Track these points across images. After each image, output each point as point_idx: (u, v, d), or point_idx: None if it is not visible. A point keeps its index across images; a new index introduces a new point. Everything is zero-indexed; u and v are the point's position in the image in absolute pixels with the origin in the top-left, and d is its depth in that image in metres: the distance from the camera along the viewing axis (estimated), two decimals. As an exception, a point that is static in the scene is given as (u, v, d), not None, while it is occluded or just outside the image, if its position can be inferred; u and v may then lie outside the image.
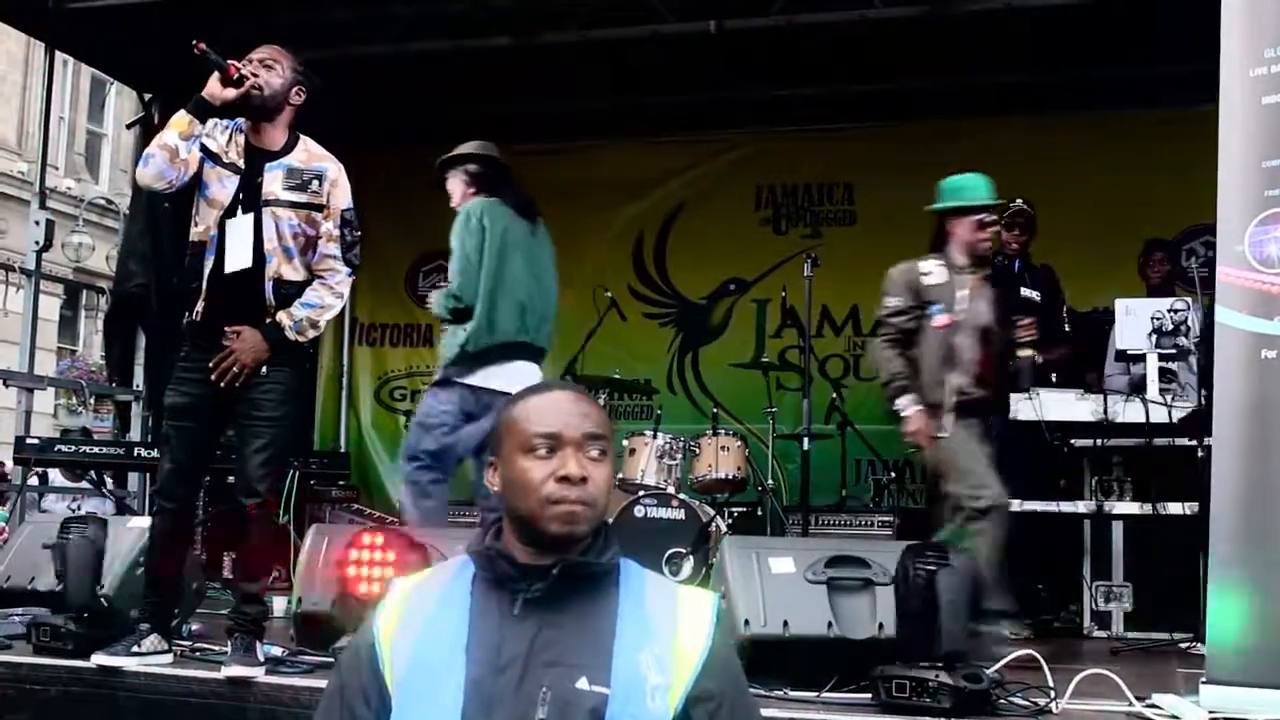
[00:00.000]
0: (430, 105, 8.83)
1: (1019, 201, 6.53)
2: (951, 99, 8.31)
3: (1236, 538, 3.58)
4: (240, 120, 4.29)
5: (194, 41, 4.07)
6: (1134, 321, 5.73)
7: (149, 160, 4.14)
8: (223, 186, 4.21)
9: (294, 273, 4.26)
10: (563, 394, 2.08)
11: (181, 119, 4.12)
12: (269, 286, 4.22)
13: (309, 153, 4.33)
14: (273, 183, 4.22)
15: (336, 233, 4.30)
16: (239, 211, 4.19)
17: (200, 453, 4.35)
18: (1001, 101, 8.27)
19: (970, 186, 5.34)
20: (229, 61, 4.13)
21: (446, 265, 5.60)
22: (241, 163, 4.24)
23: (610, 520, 2.16)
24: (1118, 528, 5.90)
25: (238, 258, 4.19)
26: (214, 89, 4.11)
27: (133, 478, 8.01)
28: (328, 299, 4.32)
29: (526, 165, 9.35)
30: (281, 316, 4.22)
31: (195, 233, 4.27)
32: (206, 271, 4.21)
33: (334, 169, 4.34)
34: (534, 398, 2.07)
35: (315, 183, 4.28)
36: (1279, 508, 3.51)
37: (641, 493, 6.62)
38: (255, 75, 4.17)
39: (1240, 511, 3.59)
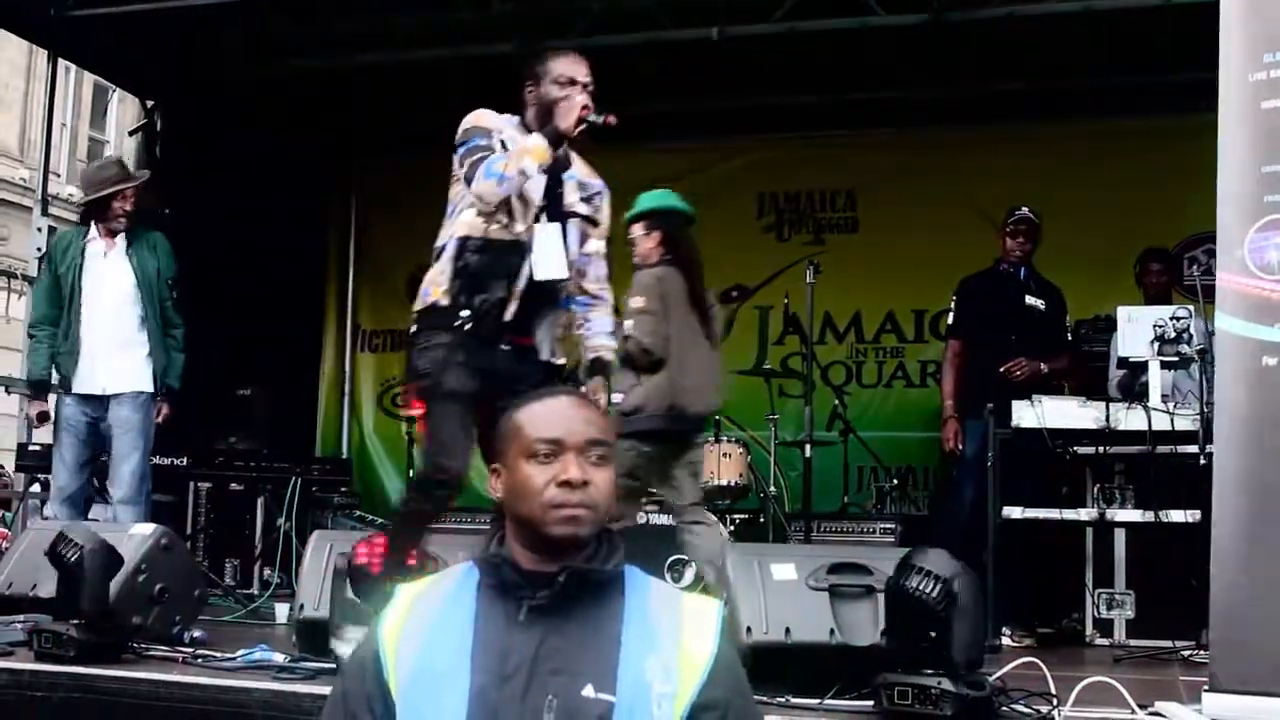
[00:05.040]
0: (432, 113, 8.81)
1: (1024, 209, 6.52)
2: (953, 106, 8.32)
3: (1238, 545, 3.57)
4: (518, 121, 4.18)
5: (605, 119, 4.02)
6: (1136, 329, 5.72)
7: (505, 181, 3.94)
8: (535, 188, 4.06)
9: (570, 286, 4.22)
10: (565, 399, 2.10)
11: (542, 148, 3.97)
12: (564, 298, 4.18)
13: (583, 167, 4.28)
14: (571, 193, 4.15)
15: (604, 250, 4.29)
16: (544, 217, 4.07)
17: (467, 434, 4.02)
18: (1003, 109, 8.28)
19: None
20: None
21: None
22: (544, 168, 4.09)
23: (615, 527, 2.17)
24: (1120, 535, 5.89)
25: (554, 265, 4.06)
26: (568, 126, 4.01)
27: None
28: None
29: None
30: (605, 355, 4.25)
31: (517, 230, 4.05)
32: (526, 273, 4.02)
33: (605, 188, 4.32)
34: (536, 404, 2.09)
35: (596, 198, 4.26)
36: (1280, 515, 3.50)
37: (644, 499, 6.62)
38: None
39: (1241, 519, 3.58)
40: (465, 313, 4.00)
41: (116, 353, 6.03)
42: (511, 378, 3.89)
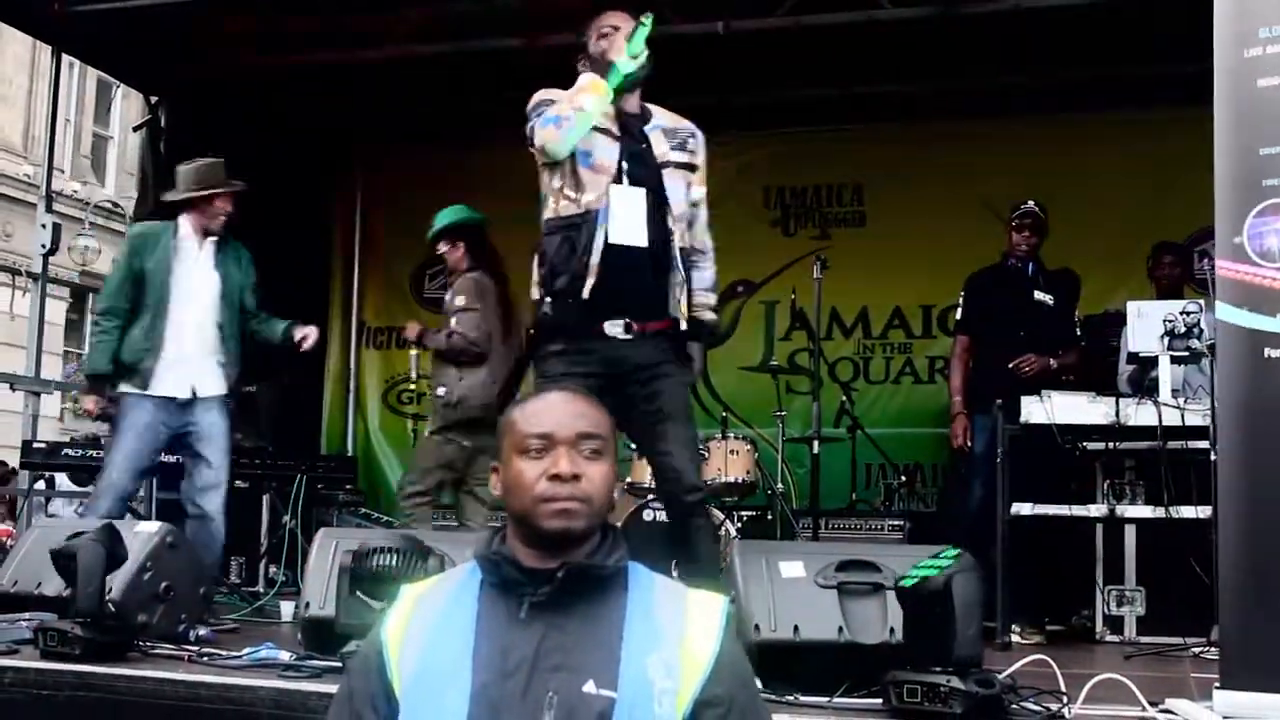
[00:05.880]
0: (438, 107, 8.82)
1: (1030, 203, 6.49)
2: (961, 100, 8.29)
3: (1245, 540, 3.53)
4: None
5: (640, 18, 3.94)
6: (1146, 324, 5.68)
7: (563, 123, 3.85)
8: (606, 153, 3.97)
9: (682, 241, 4.06)
10: (558, 395, 2.10)
11: (597, 81, 3.90)
12: (677, 258, 4.03)
13: (666, 115, 4.16)
14: (660, 144, 4.02)
15: (704, 196, 4.13)
16: (624, 180, 3.97)
17: None
18: (1011, 102, 8.24)
19: None
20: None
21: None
22: (617, 129, 4.02)
23: (619, 523, 2.16)
24: (1130, 531, 5.86)
25: (632, 231, 3.94)
26: (624, 59, 3.96)
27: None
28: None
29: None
30: (705, 315, 4.10)
31: (586, 201, 3.96)
32: (599, 244, 3.90)
33: (697, 130, 4.18)
34: (531, 401, 2.11)
35: (690, 141, 4.13)
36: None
37: (650, 496, 6.59)
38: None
39: (1247, 513, 3.53)
40: (548, 299, 3.95)
41: (206, 357, 5.79)
42: (631, 365, 3.89)
